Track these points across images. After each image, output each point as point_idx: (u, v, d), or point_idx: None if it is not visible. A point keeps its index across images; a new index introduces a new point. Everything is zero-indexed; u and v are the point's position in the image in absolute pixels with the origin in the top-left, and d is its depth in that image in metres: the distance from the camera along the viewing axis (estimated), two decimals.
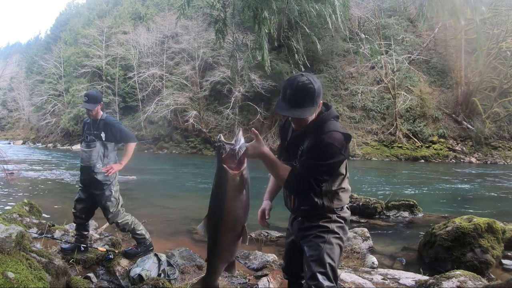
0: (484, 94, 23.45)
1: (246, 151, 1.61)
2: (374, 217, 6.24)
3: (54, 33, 53.90)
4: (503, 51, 22.17)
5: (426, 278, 3.21)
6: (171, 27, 30.57)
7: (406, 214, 6.34)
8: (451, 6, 4.80)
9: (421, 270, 3.61)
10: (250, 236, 4.77)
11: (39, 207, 5.09)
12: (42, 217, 4.97)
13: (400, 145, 22.43)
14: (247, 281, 3.25)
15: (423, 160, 21.17)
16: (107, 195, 3.38)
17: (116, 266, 3.23)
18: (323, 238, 1.80)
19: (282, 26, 5.24)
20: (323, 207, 1.82)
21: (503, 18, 22.36)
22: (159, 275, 3.04)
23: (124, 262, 3.31)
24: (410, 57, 25.83)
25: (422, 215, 6.38)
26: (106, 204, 3.37)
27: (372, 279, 3.23)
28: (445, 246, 3.84)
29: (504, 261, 3.95)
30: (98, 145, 3.39)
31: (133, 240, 3.70)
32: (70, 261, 3.20)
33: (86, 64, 34.14)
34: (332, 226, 1.84)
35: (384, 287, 3.11)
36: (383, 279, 3.26)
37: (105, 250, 3.42)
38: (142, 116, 29.66)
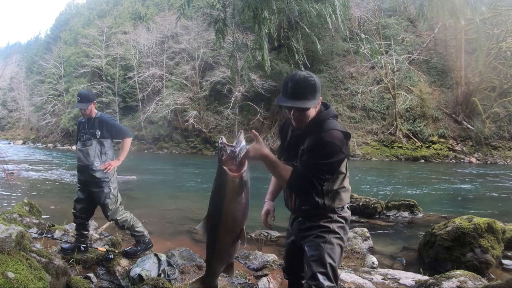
0: (484, 94, 23.45)
1: (247, 153, 1.60)
2: (374, 217, 6.24)
3: (54, 33, 53.93)
4: (503, 51, 22.16)
5: (426, 278, 3.21)
6: (171, 27, 30.58)
7: (406, 214, 6.34)
8: (451, 6, 4.80)
9: (421, 270, 3.61)
10: (250, 236, 4.79)
11: (39, 207, 5.09)
12: (42, 217, 4.96)
13: (400, 145, 22.43)
14: (247, 281, 3.25)
15: (423, 160, 21.17)
16: (106, 192, 3.39)
17: (116, 266, 3.23)
18: (324, 238, 1.80)
19: (282, 26, 5.24)
20: (324, 206, 1.82)
21: (503, 18, 22.35)
22: (159, 275, 3.04)
23: (124, 262, 3.32)
24: (410, 57, 25.82)
25: (422, 215, 6.38)
26: (105, 202, 3.37)
27: (372, 279, 3.23)
28: (445, 246, 3.84)
29: (504, 261, 3.95)
30: (94, 143, 3.40)
31: (133, 240, 3.70)
32: (70, 261, 3.21)
33: (86, 64, 34.17)
34: (333, 226, 1.84)
35: (384, 287, 3.10)
36: (383, 279, 3.26)
37: (105, 250, 3.42)
38: (142, 116, 29.66)
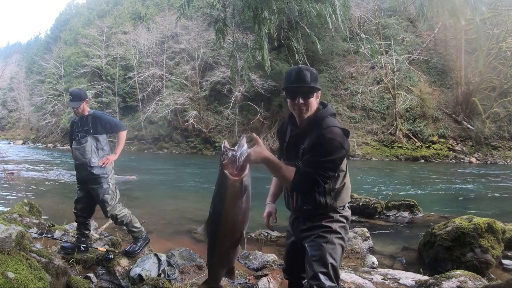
0: (484, 94, 23.43)
1: (248, 157, 1.60)
2: (374, 217, 6.24)
3: (54, 33, 53.95)
4: (503, 51, 22.14)
5: (426, 278, 3.21)
6: (171, 27, 30.59)
7: (406, 214, 6.34)
8: (451, 6, 4.80)
9: (421, 270, 3.61)
10: (250, 236, 4.79)
11: (39, 207, 5.09)
12: (42, 217, 4.96)
13: (400, 145, 22.42)
14: (247, 281, 3.25)
15: (423, 160, 21.16)
16: (105, 188, 3.41)
17: (116, 266, 3.23)
18: (326, 238, 1.81)
19: (282, 26, 5.25)
20: (326, 206, 1.82)
21: (503, 18, 22.34)
22: (159, 275, 3.04)
23: (124, 262, 3.31)
24: (410, 57, 25.80)
25: (422, 215, 6.38)
26: (104, 197, 3.39)
27: (372, 279, 3.23)
28: (445, 246, 3.84)
29: (504, 261, 3.95)
30: (89, 139, 3.42)
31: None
32: (70, 261, 3.20)
33: (86, 64, 34.20)
34: (335, 226, 1.84)
35: (384, 287, 3.11)
36: (383, 279, 3.26)
37: (105, 250, 3.42)
38: (142, 116, 29.66)
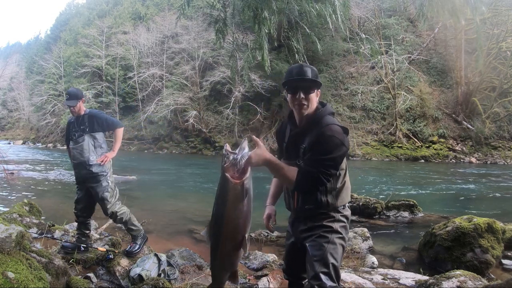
0: (484, 94, 23.42)
1: (249, 160, 1.59)
2: (374, 217, 6.24)
3: (54, 33, 53.95)
4: (503, 51, 22.12)
5: (426, 278, 3.21)
6: (171, 27, 30.58)
7: (406, 214, 6.34)
8: (451, 6, 4.80)
9: (421, 270, 3.61)
10: (250, 236, 4.79)
11: (39, 207, 5.09)
12: (42, 217, 4.96)
13: (400, 145, 22.41)
14: (247, 281, 3.25)
15: (423, 160, 21.15)
16: (105, 186, 3.43)
17: (116, 266, 3.23)
18: (327, 238, 1.81)
19: (282, 26, 5.24)
20: (328, 205, 1.83)
21: (503, 18, 22.33)
22: (159, 275, 3.04)
23: (124, 262, 3.31)
24: (410, 57, 25.79)
25: (422, 215, 6.38)
26: (104, 195, 3.40)
27: (372, 279, 3.23)
28: (445, 246, 3.84)
29: (504, 261, 3.95)
30: (87, 138, 3.44)
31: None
32: (70, 261, 3.20)
33: (86, 64, 34.20)
34: (336, 226, 1.84)
35: (384, 287, 3.11)
36: (383, 279, 3.26)
37: (105, 250, 3.42)
38: (142, 116, 29.66)
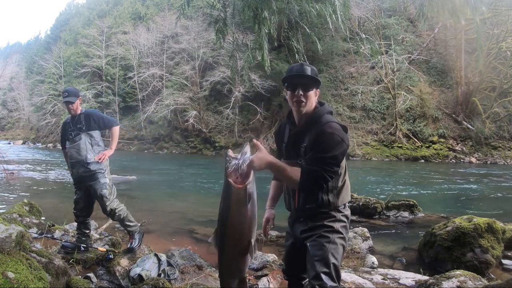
0: (484, 94, 23.42)
1: (252, 164, 1.58)
2: (374, 217, 6.24)
3: (54, 33, 53.96)
4: (503, 51, 22.12)
5: (426, 278, 3.21)
6: (171, 27, 30.58)
7: (406, 214, 6.34)
8: (451, 6, 4.80)
9: (421, 270, 3.61)
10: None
11: (39, 207, 5.09)
12: (42, 217, 4.96)
13: (400, 145, 22.41)
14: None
15: (423, 160, 21.15)
16: (103, 183, 3.45)
17: (116, 266, 3.23)
18: (328, 238, 1.81)
19: (282, 26, 5.24)
20: (329, 204, 1.83)
21: (503, 18, 22.32)
22: (159, 275, 3.04)
23: (124, 262, 3.31)
24: (410, 57, 25.79)
25: (422, 215, 6.37)
26: (103, 192, 3.42)
27: (372, 279, 3.23)
28: (445, 246, 3.84)
29: (504, 261, 3.95)
30: (83, 136, 3.47)
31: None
32: (70, 261, 3.21)
33: (86, 64, 34.20)
34: (337, 225, 1.84)
35: (384, 287, 3.10)
36: (383, 279, 3.26)
37: (105, 250, 3.43)
38: (142, 116, 29.67)
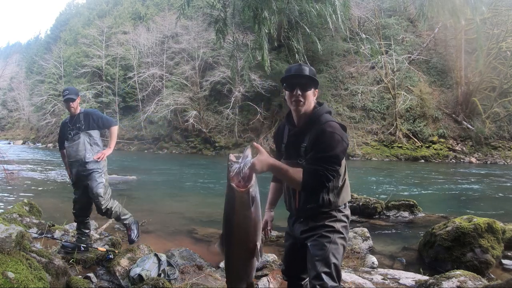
0: (484, 94, 23.42)
1: (253, 166, 1.58)
2: (374, 217, 6.24)
3: (54, 33, 53.96)
4: (503, 51, 22.11)
5: (426, 278, 3.21)
6: (171, 27, 30.57)
7: (406, 214, 6.33)
8: (452, 6, 4.80)
9: (421, 270, 3.61)
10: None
11: (39, 207, 5.10)
12: (42, 217, 4.96)
13: (400, 145, 22.40)
14: None
15: (423, 160, 21.15)
16: (99, 182, 3.49)
17: (116, 266, 3.23)
18: (329, 238, 1.81)
19: (282, 26, 5.23)
20: (329, 203, 1.83)
21: (503, 18, 22.32)
22: (159, 275, 3.04)
23: (124, 262, 3.31)
24: (410, 57, 25.78)
25: (422, 215, 6.37)
26: (99, 191, 3.44)
27: (372, 279, 3.23)
28: (445, 246, 3.84)
29: (504, 261, 3.95)
30: (82, 136, 3.51)
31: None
32: (70, 261, 3.21)
33: (86, 64, 34.21)
34: (338, 225, 1.85)
35: (384, 287, 3.10)
36: (383, 279, 3.26)
37: (105, 250, 3.43)
38: (142, 116, 29.66)
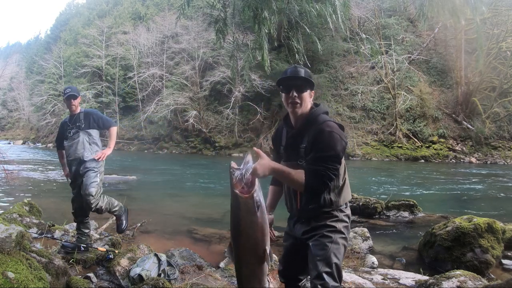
0: (484, 94, 23.42)
1: (255, 171, 1.58)
2: (374, 217, 6.24)
3: (54, 33, 53.97)
4: (503, 51, 22.11)
5: (426, 278, 3.21)
6: (171, 27, 30.59)
7: (406, 214, 6.33)
8: (452, 6, 4.80)
9: (421, 270, 3.61)
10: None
11: (39, 207, 5.09)
12: (42, 217, 4.96)
13: (400, 145, 22.40)
14: None
15: (423, 160, 21.15)
16: (94, 181, 3.49)
17: (116, 266, 3.23)
18: (330, 238, 1.81)
19: (282, 26, 5.23)
20: (331, 203, 1.84)
21: (503, 18, 22.32)
22: (159, 275, 3.04)
23: (124, 262, 3.31)
24: (410, 57, 25.78)
25: (422, 215, 6.37)
26: (90, 190, 3.44)
27: (372, 279, 3.23)
28: (445, 246, 3.84)
29: (504, 261, 3.95)
30: (82, 134, 3.53)
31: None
32: (70, 261, 3.21)
33: (86, 64, 34.22)
34: (339, 226, 1.85)
35: (384, 287, 3.11)
36: (383, 279, 3.26)
37: (105, 250, 3.43)
38: (142, 116, 29.67)
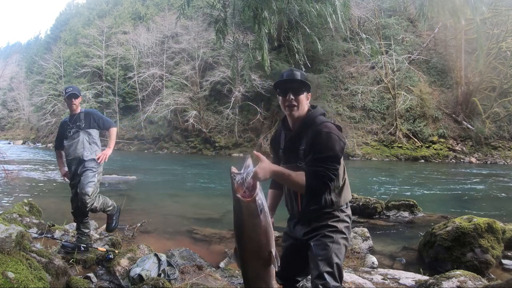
0: (484, 94, 23.41)
1: (256, 175, 1.58)
2: (374, 217, 6.24)
3: (54, 33, 53.97)
4: (503, 51, 22.11)
5: (426, 278, 3.21)
6: (171, 27, 30.59)
7: (406, 214, 6.34)
8: (452, 6, 4.80)
9: (421, 270, 3.61)
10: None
11: (39, 207, 5.09)
12: (42, 217, 4.96)
13: (400, 145, 22.41)
14: None
15: (423, 160, 21.15)
16: (91, 180, 3.49)
17: (116, 266, 3.23)
18: (332, 238, 1.82)
19: (282, 26, 5.23)
20: (332, 204, 1.84)
21: (503, 18, 22.32)
22: (159, 275, 3.04)
23: (124, 262, 3.31)
24: (410, 57, 25.78)
25: (422, 215, 6.38)
26: (87, 189, 3.43)
27: (372, 279, 3.23)
28: (445, 246, 3.84)
29: (504, 261, 3.95)
30: (82, 134, 3.53)
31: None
32: (70, 261, 3.21)
33: (86, 64, 34.23)
34: (340, 226, 1.86)
35: (384, 287, 3.11)
36: (383, 279, 3.26)
37: (105, 250, 3.43)
38: (142, 116, 29.68)
